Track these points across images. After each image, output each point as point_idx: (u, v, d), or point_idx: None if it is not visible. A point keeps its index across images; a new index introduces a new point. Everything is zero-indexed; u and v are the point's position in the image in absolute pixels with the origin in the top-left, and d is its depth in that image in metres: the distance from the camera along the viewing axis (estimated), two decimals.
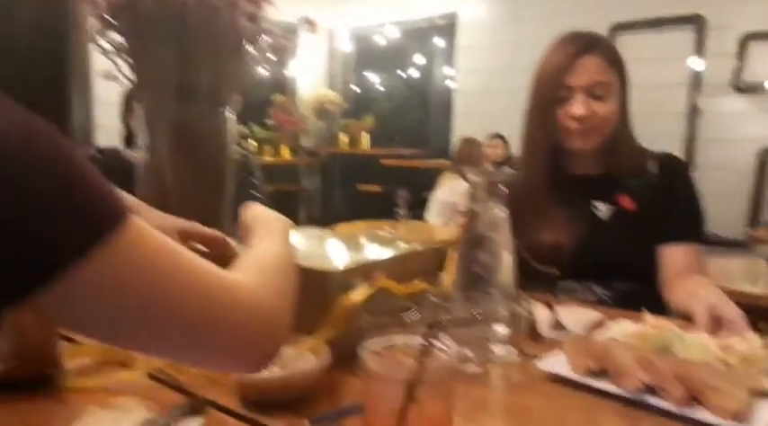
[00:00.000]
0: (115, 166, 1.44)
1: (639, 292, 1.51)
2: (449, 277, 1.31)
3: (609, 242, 1.54)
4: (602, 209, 1.58)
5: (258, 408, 0.88)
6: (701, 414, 0.87)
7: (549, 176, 1.58)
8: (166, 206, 1.02)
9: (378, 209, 4.10)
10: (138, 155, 1.33)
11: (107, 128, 3.82)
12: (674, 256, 1.51)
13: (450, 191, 4.37)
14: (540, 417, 0.90)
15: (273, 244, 0.82)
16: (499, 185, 1.21)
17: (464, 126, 5.55)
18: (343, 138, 6.30)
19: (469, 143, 4.67)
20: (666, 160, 1.60)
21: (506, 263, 1.19)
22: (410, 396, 0.68)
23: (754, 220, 4.34)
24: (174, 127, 1.25)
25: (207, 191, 1.24)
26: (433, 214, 4.46)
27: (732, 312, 1.15)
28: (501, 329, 1.12)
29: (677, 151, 4.60)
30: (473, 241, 1.20)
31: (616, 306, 1.46)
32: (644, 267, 1.55)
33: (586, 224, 1.56)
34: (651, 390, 0.93)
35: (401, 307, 1.11)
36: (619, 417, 0.90)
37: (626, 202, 1.56)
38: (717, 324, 1.13)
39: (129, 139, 2.50)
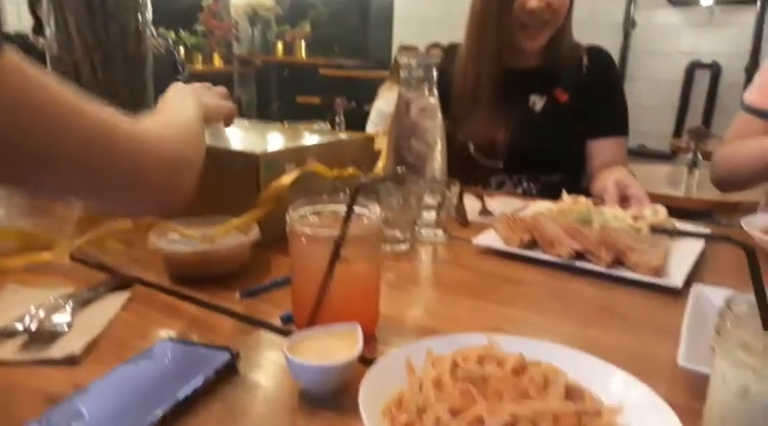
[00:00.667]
0: (24, 52, 1.32)
1: (566, 185, 1.55)
2: (381, 165, 1.30)
3: (541, 134, 1.57)
4: (537, 102, 1.59)
5: (187, 283, 0.86)
6: (625, 273, 0.93)
7: (493, 72, 1.57)
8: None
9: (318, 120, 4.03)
10: (46, 41, 1.21)
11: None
12: (601, 150, 1.57)
13: (389, 102, 4.30)
14: (468, 286, 0.92)
15: (184, 109, 0.79)
16: (433, 69, 1.18)
17: (404, 35, 5.39)
18: (279, 47, 6.03)
19: (409, 51, 4.55)
20: (596, 53, 1.62)
21: (439, 151, 1.19)
22: (336, 255, 0.67)
23: (679, 131, 4.52)
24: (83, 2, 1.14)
25: (124, 72, 1.16)
26: (372, 125, 4.40)
27: (637, 188, 1.25)
28: (430, 213, 1.13)
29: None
30: (406, 129, 1.19)
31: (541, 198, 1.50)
32: (572, 160, 1.60)
33: (521, 117, 1.57)
34: (580, 256, 0.98)
35: (332, 191, 1.10)
36: (546, 280, 0.94)
37: (560, 94, 1.58)
38: (624, 199, 1.24)
39: (38, 29, 2.30)
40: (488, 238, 1.08)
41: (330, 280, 0.68)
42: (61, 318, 0.73)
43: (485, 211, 1.28)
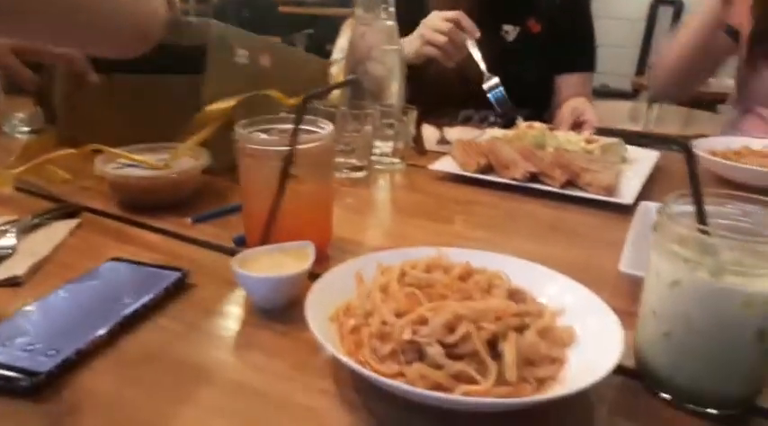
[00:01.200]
0: None
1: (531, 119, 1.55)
2: (338, 92, 1.28)
3: (513, 66, 1.54)
4: (511, 32, 1.56)
5: (137, 210, 0.85)
6: (578, 192, 0.95)
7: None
8: None
9: None
10: None
11: None
12: (568, 85, 1.56)
13: None
14: (423, 209, 0.92)
15: None
16: None
17: None
18: None
19: None
20: None
21: (397, 76, 1.17)
22: (286, 171, 0.66)
23: (642, 69, 4.54)
24: None
25: None
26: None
27: (591, 114, 1.28)
28: (388, 142, 1.12)
29: None
30: (363, 53, 1.16)
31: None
32: (540, 95, 1.59)
33: (493, 46, 1.54)
34: (535, 178, 0.99)
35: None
36: (500, 202, 0.95)
37: (533, 25, 1.55)
38: (578, 125, 1.28)
39: None
40: (445, 164, 1.08)
41: (281, 198, 0.67)
42: (4, 242, 0.71)
43: (443, 141, 1.27)
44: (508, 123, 1.50)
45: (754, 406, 0.49)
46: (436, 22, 1.33)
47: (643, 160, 1.11)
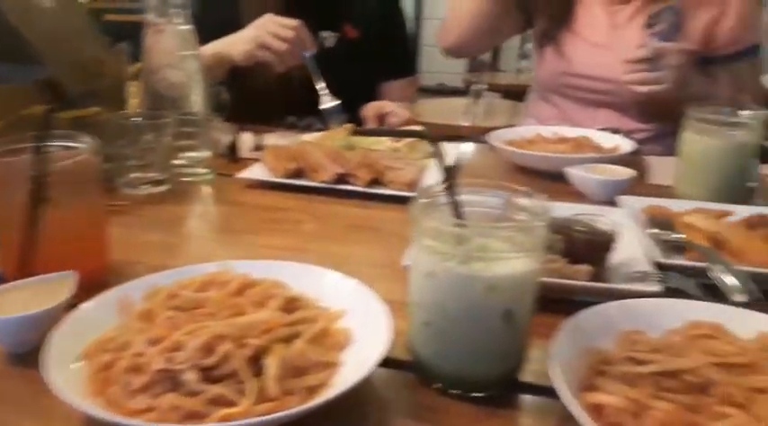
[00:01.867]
0: None
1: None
2: (135, 102, 1.19)
3: (332, 73, 1.53)
4: (329, 38, 1.55)
5: None
6: (381, 190, 0.96)
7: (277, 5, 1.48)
8: None
9: None
10: None
11: None
12: (393, 91, 1.59)
13: None
14: (226, 221, 0.89)
15: None
16: None
17: None
18: None
19: None
20: None
21: (198, 82, 1.11)
22: (37, 196, 0.59)
23: (473, 67, 4.83)
24: None
25: None
26: None
27: (395, 107, 1.31)
28: (193, 152, 1.06)
29: (408, 1, 4.85)
30: (158, 59, 1.09)
31: None
32: (362, 101, 1.59)
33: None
34: (343, 179, 0.99)
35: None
36: (308, 206, 0.94)
37: (350, 31, 1.56)
38: (381, 119, 1.30)
39: None
40: (255, 171, 1.04)
41: (36, 226, 0.60)
42: None
43: (259, 147, 1.24)
44: None
45: (516, 383, 0.52)
46: (275, 28, 1.28)
47: (449, 155, 1.15)
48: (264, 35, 1.28)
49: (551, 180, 1.04)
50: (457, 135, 3.14)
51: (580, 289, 0.62)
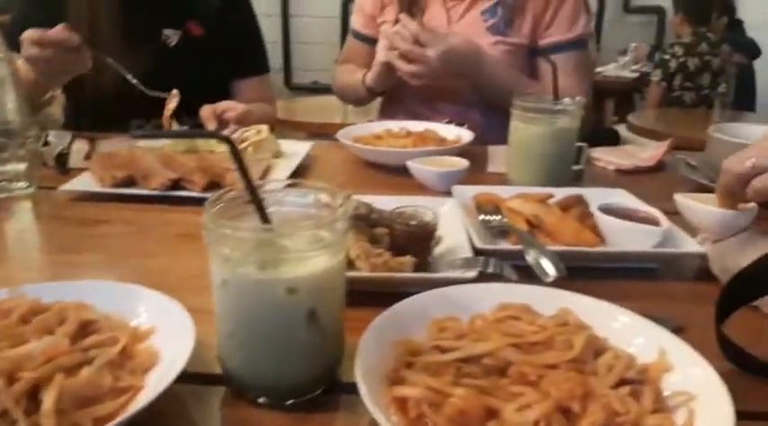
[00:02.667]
0: None
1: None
2: None
3: (178, 72, 1.44)
4: (172, 37, 1.46)
5: None
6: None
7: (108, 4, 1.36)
8: None
9: None
10: None
11: None
12: (246, 90, 1.53)
13: None
14: (42, 239, 0.81)
15: None
16: None
17: None
18: None
19: None
20: None
21: (9, 89, 1.00)
22: None
23: None
24: None
25: None
26: None
27: (230, 103, 1.29)
28: (5, 164, 0.96)
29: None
30: None
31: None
32: (213, 98, 1.51)
33: (155, 53, 1.42)
34: (178, 185, 0.94)
35: None
36: (136, 216, 0.87)
37: (194, 27, 1.47)
38: (219, 117, 1.27)
39: None
40: (80, 182, 0.96)
41: None
42: None
43: (91, 155, 1.14)
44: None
45: (335, 384, 0.51)
46: (28, 50, 1.13)
47: (296, 153, 1.13)
48: (31, 63, 1.15)
49: (397, 174, 1.05)
50: (330, 133, 3.17)
51: (400, 281, 0.63)
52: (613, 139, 3.77)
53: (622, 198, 0.86)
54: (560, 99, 1.00)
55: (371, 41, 1.51)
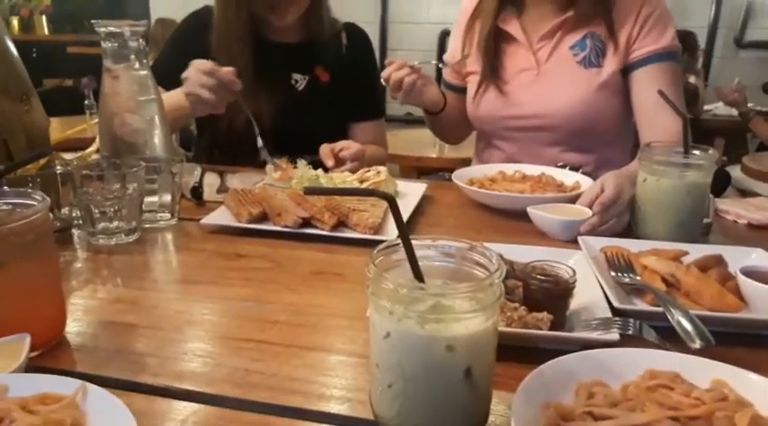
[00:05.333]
0: None
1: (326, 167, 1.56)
2: (93, 149, 1.18)
3: (304, 115, 1.53)
4: (300, 81, 1.56)
5: None
6: (346, 233, 0.97)
7: (248, 45, 1.48)
8: None
9: (71, 106, 3.55)
10: None
11: None
12: (361, 133, 1.59)
13: None
14: (187, 271, 0.88)
15: None
16: (140, 39, 1.08)
17: (163, 5, 5.02)
18: (15, 23, 5.22)
19: (166, 25, 4.25)
20: (354, 31, 1.62)
21: (159, 126, 1.11)
22: None
23: None
24: None
25: None
26: None
27: (346, 142, 1.36)
28: (156, 196, 1.05)
29: (373, 33, 4.93)
30: (116, 105, 1.08)
31: None
32: (334, 141, 1.58)
33: (284, 96, 1.51)
34: (307, 223, 0.99)
35: None
36: (271, 252, 0.93)
37: (321, 74, 1.56)
38: (335, 155, 1.34)
39: None
40: (218, 216, 1.03)
41: None
42: None
43: (223, 188, 1.23)
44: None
45: None
46: (198, 78, 1.26)
47: (413, 193, 1.16)
48: (192, 87, 1.26)
49: (514, 218, 1.05)
50: (424, 166, 3.19)
51: (541, 338, 0.63)
52: (725, 181, 3.57)
53: (762, 258, 0.82)
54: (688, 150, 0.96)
55: (459, 90, 1.53)
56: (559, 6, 1.34)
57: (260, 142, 1.37)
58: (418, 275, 0.51)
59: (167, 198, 1.06)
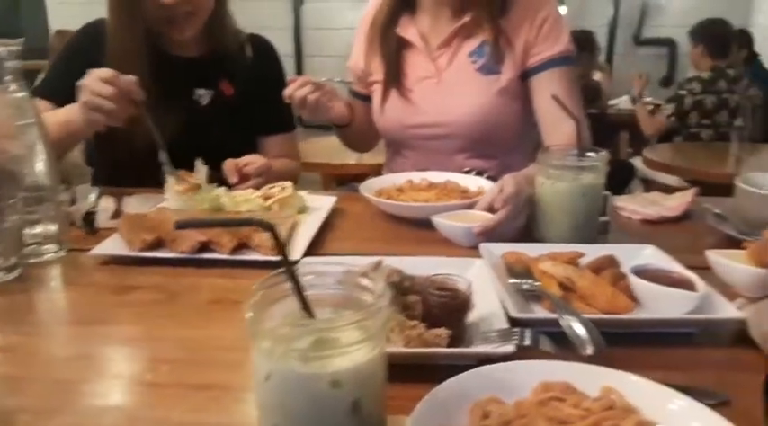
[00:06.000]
0: None
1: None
2: None
3: (209, 130, 1.47)
4: (204, 96, 1.49)
5: None
6: (248, 256, 0.93)
7: (144, 59, 1.40)
8: None
9: None
10: None
11: None
12: (272, 147, 1.55)
13: None
14: (71, 310, 0.82)
15: None
16: (15, 60, 1.00)
17: (62, 18, 4.76)
18: None
19: (65, 37, 4.02)
20: (259, 42, 1.57)
21: (41, 152, 1.03)
22: None
23: None
24: None
25: None
26: None
27: (250, 158, 1.32)
28: (39, 227, 0.97)
29: (287, 40, 4.87)
30: None
31: None
32: (241, 155, 1.53)
33: (187, 112, 1.44)
34: (206, 246, 0.95)
35: None
36: (166, 282, 0.88)
37: (225, 87, 1.50)
38: (240, 171, 1.29)
39: None
40: (110, 245, 0.97)
41: None
42: None
43: (118, 213, 1.15)
44: None
45: None
46: (97, 86, 1.17)
47: (322, 207, 1.14)
48: (89, 96, 1.17)
49: (423, 227, 1.05)
50: (346, 174, 3.16)
51: (437, 356, 0.62)
52: (629, 172, 3.77)
53: (654, 255, 0.85)
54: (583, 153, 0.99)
55: (365, 98, 1.53)
56: (453, 13, 1.35)
57: (163, 156, 1.29)
58: (307, 308, 0.48)
59: (53, 228, 0.99)
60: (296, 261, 0.50)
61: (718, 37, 3.38)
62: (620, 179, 3.71)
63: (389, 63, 1.41)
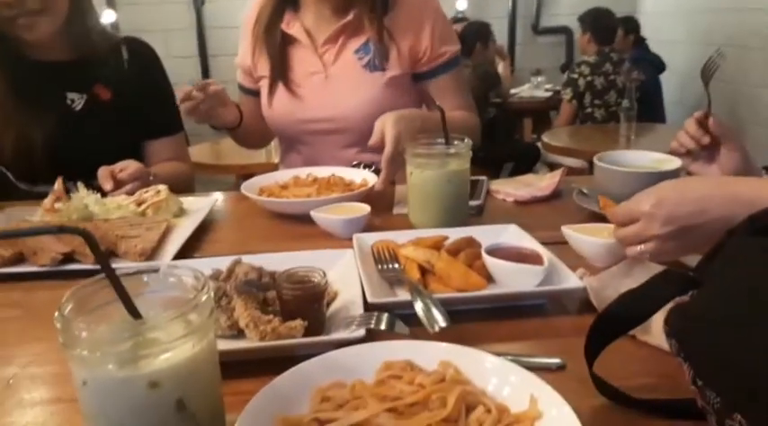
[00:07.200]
0: None
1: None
2: None
3: (85, 136, 1.40)
4: (77, 100, 1.41)
5: None
6: (117, 263, 0.90)
7: (5, 66, 1.32)
8: None
9: None
10: None
11: None
12: (160, 150, 1.49)
13: None
14: None
15: None
16: None
17: None
18: None
19: None
20: (136, 45, 1.50)
21: None
22: None
23: None
24: None
25: None
26: None
27: (122, 164, 1.26)
28: None
29: (190, 39, 4.73)
30: None
31: None
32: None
33: (60, 118, 1.36)
34: (70, 258, 0.91)
35: None
36: (27, 298, 0.84)
37: (101, 91, 1.43)
38: (114, 178, 1.23)
39: None
40: None
41: None
42: None
43: None
44: None
45: None
46: None
47: (200, 209, 1.12)
48: None
49: (305, 223, 1.05)
50: (254, 174, 3.11)
51: (287, 348, 0.63)
52: (535, 154, 3.94)
53: (513, 234, 0.90)
54: (452, 134, 1.03)
55: (254, 93, 1.52)
56: (335, 11, 1.37)
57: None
58: (133, 312, 0.48)
59: None
60: (113, 268, 0.48)
61: (603, 25, 3.58)
62: (526, 161, 3.87)
63: (274, 58, 1.41)
